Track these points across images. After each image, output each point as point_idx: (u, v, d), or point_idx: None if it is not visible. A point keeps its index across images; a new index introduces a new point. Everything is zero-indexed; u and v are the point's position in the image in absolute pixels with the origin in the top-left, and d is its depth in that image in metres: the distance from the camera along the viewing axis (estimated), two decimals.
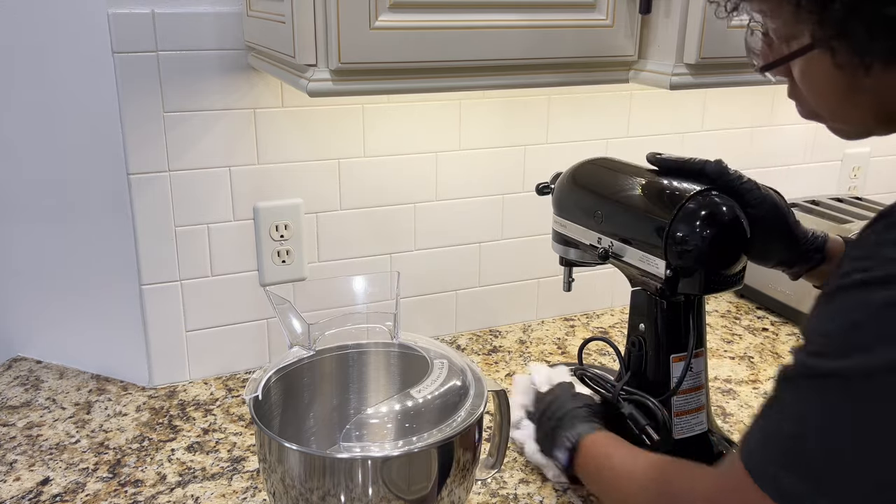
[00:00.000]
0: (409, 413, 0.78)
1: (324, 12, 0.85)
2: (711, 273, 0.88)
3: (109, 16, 1.04)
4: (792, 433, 0.52)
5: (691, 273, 0.87)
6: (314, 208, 1.23)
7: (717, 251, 0.86)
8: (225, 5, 1.09)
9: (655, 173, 0.95)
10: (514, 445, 1.03)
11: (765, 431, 0.55)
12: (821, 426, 0.50)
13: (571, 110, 1.34)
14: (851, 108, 0.62)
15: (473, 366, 0.85)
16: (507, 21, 0.94)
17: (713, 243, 0.85)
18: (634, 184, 0.95)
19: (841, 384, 0.50)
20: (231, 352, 1.24)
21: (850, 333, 0.50)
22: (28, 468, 1.01)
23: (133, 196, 1.12)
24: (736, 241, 0.87)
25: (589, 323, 1.45)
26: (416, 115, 1.24)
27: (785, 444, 0.52)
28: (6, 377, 1.24)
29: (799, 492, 0.50)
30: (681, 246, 0.86)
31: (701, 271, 0.87)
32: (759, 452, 0.54)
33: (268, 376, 0.84)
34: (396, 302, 0.91)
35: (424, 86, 0.95)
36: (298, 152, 1.19)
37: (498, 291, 1.41)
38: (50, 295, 1.24)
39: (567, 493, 0.97)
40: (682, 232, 0.85)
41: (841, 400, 0.50)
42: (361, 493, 0.72)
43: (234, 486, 0.99)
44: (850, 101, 0.61)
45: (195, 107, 1.11)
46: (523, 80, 0.99)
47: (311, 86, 0.88)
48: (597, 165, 1.03)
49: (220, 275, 1.20)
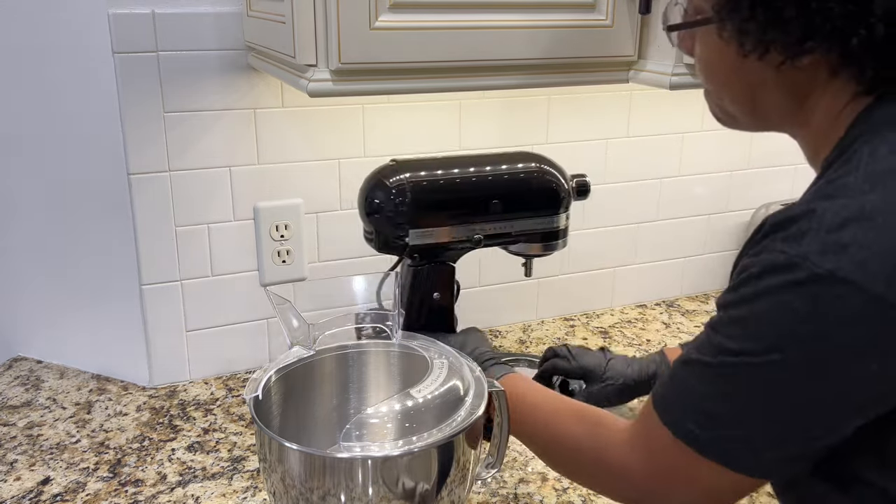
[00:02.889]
0: (409, 413, 0.78)
1: (324, 12, 0.85)
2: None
3: (109, 16, 1.04)
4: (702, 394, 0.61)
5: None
6: (314, 208, 1.23)
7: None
8: (225, 5, 1.09)
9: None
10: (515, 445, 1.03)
11: (679, 388, 0.64)
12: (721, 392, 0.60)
13: (571, 110, 1.34)
14: (735, 88, 0.69)
15: (473, 366, 0.85)
16: (507, 21, 0.94)
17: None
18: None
19: (743, 365, 0.58)
20: (231, 352, 1.24)
21: (754, 320, 0.58)
22: (28, 468, 1.02)
23: (133, 196, 1.12)
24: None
25: (589, 323, 1.45)
26: (416, 115, 1.24)
27: (694, 402, 0.62)
28: (6, 377, 1.24)
29: (704, 437, 0.60)
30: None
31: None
32: (674, 405, 0.63)
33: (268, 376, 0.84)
34: (396, 302, 0.91)
35: (424, 86, 0.95)
36: (298, 152, 1.19)
37: (498, 291, 1.41)
38: (50, 295, 1.24)
39: (567, 493, 0.97)
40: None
41: (743, 376, 0.59)
42: (361, 492, 0.72)
43: (234, 485, 0.99)
44: (733, 79, 0.68)
45: (195, 107, 1.11)
46: (523, 80, 0.99)
47: (312, 86, 0.88)
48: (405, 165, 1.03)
49: (220, 275, 1.20)
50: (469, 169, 1.04)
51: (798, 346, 0.55)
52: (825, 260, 0.53)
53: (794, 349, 0.56)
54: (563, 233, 1.08)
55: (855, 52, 0.58)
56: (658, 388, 0.66)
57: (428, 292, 1.04)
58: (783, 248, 0.56)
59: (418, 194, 0.99)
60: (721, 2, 0.63)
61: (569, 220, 1.08)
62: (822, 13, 0.57)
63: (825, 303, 0.54)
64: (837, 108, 0.63)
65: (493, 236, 1.04)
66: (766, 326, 0.57)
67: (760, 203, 1.54)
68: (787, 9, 0.58)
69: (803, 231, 0.55)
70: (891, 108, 0.60)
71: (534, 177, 1.05)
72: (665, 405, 0.64)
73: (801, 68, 0.62)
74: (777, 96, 0.66)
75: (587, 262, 1.46)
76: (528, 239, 1.07)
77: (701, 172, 1.48)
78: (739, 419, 0.59)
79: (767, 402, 0.58)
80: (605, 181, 1.41)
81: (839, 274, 0.53)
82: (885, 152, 0.57)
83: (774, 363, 0.56)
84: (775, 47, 0.61)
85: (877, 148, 0.57)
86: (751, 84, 0.67)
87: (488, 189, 1.02)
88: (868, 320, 0.53)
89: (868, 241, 0.53)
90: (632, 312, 1.50)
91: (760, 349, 0.57)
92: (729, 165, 1.50)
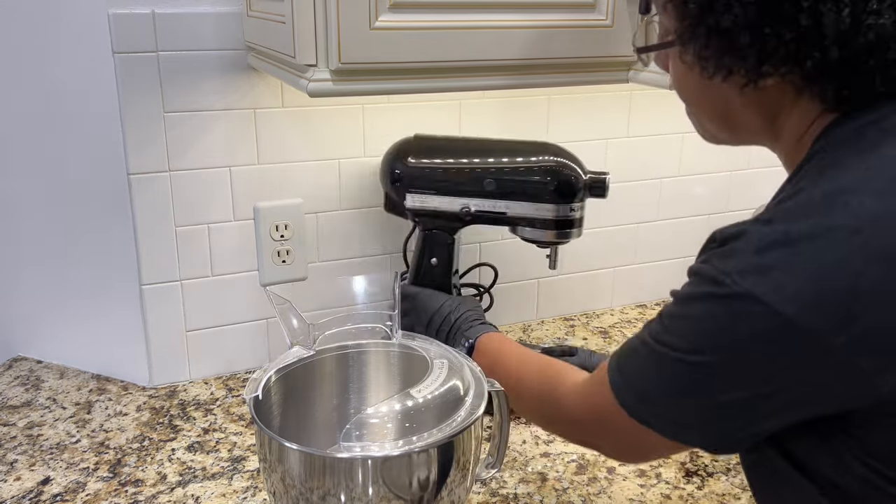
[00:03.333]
0: (409, 413, 0.78)
1: (324, 12, 0.85)
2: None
3: (109, 16, 1.04)
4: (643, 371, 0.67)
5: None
6: (314, 208, 1.23)
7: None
8: (225, 5, 1.09)
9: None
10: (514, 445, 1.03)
11: (629, 359, 0.70)
12: (657, 375, 0.66)
13: (571, 110, 1.34)
14: (706, 107, 0.73)
15: (473, 366, 0.85)
16: (507, 21, 0.94)
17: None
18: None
19: (673, 358, 0.63)
20: (231, 352, 1.24)
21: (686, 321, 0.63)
22: (28, 468, 1.02)
23: (133, 196, 1.12)
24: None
25: (589, 323, 1.45)
26: (416, 115, 1.24)
27: (635, 376, 0.68)
28: (6, 377, 1.24)
29: (638, 407, 0.67)
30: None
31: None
32: (622, 374, 0.69)
33: (268, 376, 0.84)
34: (396, 302, 0.91)
35: (424, 86, 0.95)
36: (298, 152, 1.19)
37: (499, 291, 1.41)
38: (50, 295, 1.24)
39: (567, 493, 0.97)
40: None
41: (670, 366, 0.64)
42: (361, 492, 0.72)
43: (234, 485, 0.99)
44: (703, 99, 0.72)
45: (195, 107, 1.11)
46: (523, 80, 0.99)
47: (312, 86, 0.88)
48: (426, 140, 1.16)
49: (220, 275, 1.20)
50: (478, 150, 1.14)
51: (717, 352, 0.60)
52: (745, 280, 0.57)
53: (713, 354, 0.60)
54: (577, 222, 1.13)
55: (812, 74, 0.60)
56: (617, 352, 0.72)
57: (427, 257, 1.16)
58: (715, 262, 0.61)
59: (418, 160, 1.12)
60: (680, 27, 0.66)
61: (574, 211, 1.11)
62: (775, 38, 0.59)
63: (742, 319, 0.58)
64: (805, 125, 0.65)
65: (488, 215, 1.12)
66: (694, 329, 0.62)
67: (760, 203, 1.53)
68: (742, 35, 0.60)
69: (733, 250, 0.60)
70: (848, 127, 0.62)
71: (533, 165, 1.11)
72: (616, 371, 0.70)
73: (765, 89, 0.64)
74: (748, 114, 0.69)
75: (587, 262, 1.46)
76: (540, 225, 1.12)
77: (701, 172, 1.48)
78: (667, 402, 0.65)
79: (691, 394, 0.63)
80: None
81: (755, 294, 0.57)
82: (829, 175, 0.59)
83: (697, 363, 0.61)
84: (736, 71, 0.63)
85: (823, 171, 0.60)
86: (721, 103, 0.70)
87: (483, 168, 1.11)
88: (779, 340, 0.57)
89: (787, 265, 0.56)
90: (632, 312, 1.50)
91: (687, 348, 0.62)
92: (729, 165, 1.50)
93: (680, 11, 0.65)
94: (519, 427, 1.11)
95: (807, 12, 0.57)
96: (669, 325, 0.65)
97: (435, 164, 1.12)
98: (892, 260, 0.54)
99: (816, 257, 0.56)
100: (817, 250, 0.56)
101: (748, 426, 0.63)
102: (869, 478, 0.60)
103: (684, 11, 0.64)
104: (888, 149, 0.58)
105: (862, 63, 0.58)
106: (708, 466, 1.03)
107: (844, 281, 0.55)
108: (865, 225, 0.55)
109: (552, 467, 1.02)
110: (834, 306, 0.55)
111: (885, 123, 0.60)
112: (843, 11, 0.57)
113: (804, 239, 0.56)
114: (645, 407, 0.67)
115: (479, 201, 1.11)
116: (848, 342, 0.55)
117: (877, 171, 0.57)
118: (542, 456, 1.05)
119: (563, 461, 1.03)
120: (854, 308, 0.55)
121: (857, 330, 0.55)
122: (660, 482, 1.00)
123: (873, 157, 0.58)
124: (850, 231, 0.55)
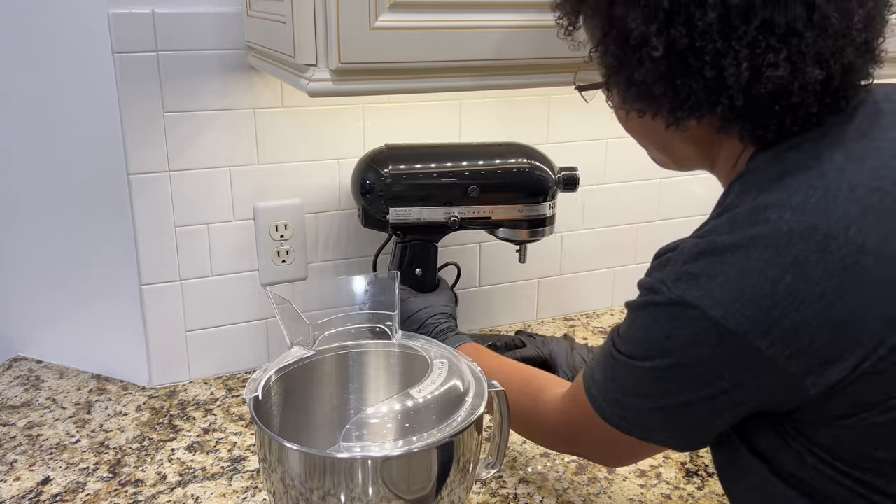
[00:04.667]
0: (409, 413, 0.78)
1: (324, 12, 0.85)
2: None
3: (109, 16, 1.04)
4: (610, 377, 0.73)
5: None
6: (314, 208, 1.23)
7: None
8: (225, 5, 1.09)
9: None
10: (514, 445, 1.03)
11: (599, 367, 0.74)
12: (618, 381, 0.71)
13: (571, 110, 1.34)
14: (646, 140, 0.79)
15: (473, 366, 0.85)
16: (507, 21, 0.94)
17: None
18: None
19: (630, 364, 0.69)
20: (231, 352, 1.24)
21: (635, 329, 0.69)
22: (28, 468, 1.02)
23: (133, 196, 1.12)
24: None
25: (589, 323, 1.45)
26: (416, 115, 1.24)
27: (604, 382, 0.73)
28: (6, 377, 1.24)
29: (609, 411, 0.72)
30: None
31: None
32: (594, 381, 0.74)
33: (268, 376, 0.84)
34: (396, 302, 0.91)
35: (424, 86, 0.95)
36: (298, 152, 1.19)
37: (498, 291, 1.41)
38: (50, 295, 1.24)
39: (567, 493, 0.97)
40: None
41: (629, 372, 0.70)
42: (361, 493, 0.72)
43: (234, 485, 0.99)
44: (640, 133, 0.78)
45: (195, 107, 1.11)
46: (523, 80, 0.99)
47: (311, 86, 0.88)
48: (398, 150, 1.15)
49: (220, 275, 1.20)
50: (455, 157, 1.14)
51: (663, 357, 0.65)
52: (677, 287, 0.63)
53: (661, 359, 0.66)
54: (549, 220, 1.17)
55: (726, 116, 0.66)
56: (590, 361, 0.77)
57: (410, 268, 1.16)
58: (654, 273, 0.67)
59: (399, 178, 1.11)
60: (605, 75, 0.72)
61: (553, 209, 1.17)
62: (685, 89, 0.64)
63: (679, 324, 0.63)
64: (736, 155, 0.71)
65: (473, 220, 1.14)
66: (642, 337, 0.68)
67: None
68: (657, 86, 0.66)
69: (668, 260, 0.66)
70: (771, 152, 0.67)
71: (511, 167, 1.14)
72: (591, 378, 0.75)
73: (689, 128, 0.69)
74: (683, 146, 0.75)
75: (587, 262, 1.46)
76: (514, 225, 1.16)
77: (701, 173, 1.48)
78: (632, 406, 0.70)
79: (649, 397, 0.69)
80: (605, 181, 1.41)
81: (687, 299, 0.62)
82: (752, 195, 0.64)
83: (648, 369, 0.67)
84: (657, 115, 0.69)
85: (747, 191, 0.65)
86: (657, 137, 0.75)
87: (466, 177, 1.13)
88: (712, 343, 0.62)
89: (713, 273, 0.61)
90: None
91: (639, 355, 0.68)
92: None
93: (602, 62, 0.71)
94: None
95: (710, 65, 0.63)
96: (624, 335, 0.70)
97: (416, 175, 1.11)
98: (807, 268, 0.59)
99: (739, 265, 0.61)
100: (740, 259, 0.61)
101: (703, 425, 0.68)
102: (827, 472, 0.64)
103: (604, 63, 0.70)
104: (804, 170, 0.63)
105: (769, 107, 0.64)
106: (708, 466, 1.03)
107: (764, 287, 0.59)
108: (784, 236, 0.59)
109: (552, 467, 1.02)
110: (755, 310, 0.60)
111: (803, 148, 0.65)
112: (742, 65, 0.62)
113: (728, 249, 0.62)
114: (614, 412, 0.72)
115: (463, 208, 1.13)
116: (772, 344, 0.60)
117: (794, 190, 0.61)
118: (542, 456, 1.05)
119: (563, 461, 1.03)
120: (773, 312, 0.59)
121: (778, 332, 0.59)
122: (660, 482, 1.00)
123: (792, 177, 0.63)
124: (770, 241, 0.60)
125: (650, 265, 0.70)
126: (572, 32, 0.80)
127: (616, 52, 0.68)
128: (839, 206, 0.59)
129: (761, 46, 0.61)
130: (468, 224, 1.14)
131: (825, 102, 0.64)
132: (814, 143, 0.65)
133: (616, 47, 0.67)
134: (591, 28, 0.73)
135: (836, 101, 0.65)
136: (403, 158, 1.12)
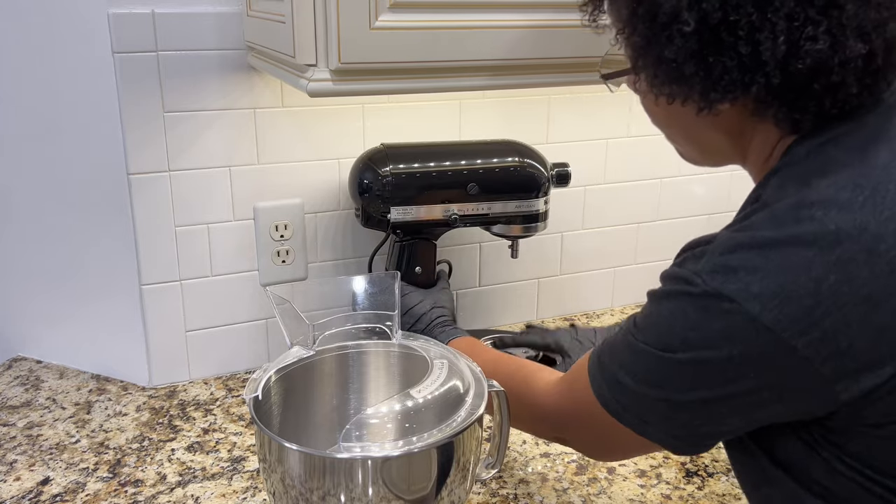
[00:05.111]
0: (409, 413, 0.78)
1: (324, 12, 0.85)
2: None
3: (109, 16, 1.04)
4: (620, 362, 0.70)
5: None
6: (314, 208, 1.23)
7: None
8: (225, 5, 1.09)
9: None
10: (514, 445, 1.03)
11: (609, 350, 0.72)
12: (630, 368, 0.68)
13: (571, 110, 1.34)
14: (675, 130, 0.75)
15: (473, 366, 0.85)
16: (507, 21, 0.94)
17: None
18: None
19: (646, 351, 0.66)
20: (231, 352, 1.24)
21: (658, 318, 0.66)
22: (28, 468, 1.01)
23: (133, 196, 1.12)
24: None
25: (589, 323, 1.45)
26: (416, 115, 1.24)
27: (612, 366, 0.70)
28: (6, 377, 1.24)
29: (609, 396, 0.70)
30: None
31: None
32: (601, 363, 0.72)
33: (268, 376, 0.84)
34: (396, 302, 0.91)
35: (424, 86, 0.95)
36: (298, 152, 1.19)
37: (498, 291, 1.41)
38: (50, 295, 1.24)
39: (567, 493, 0.97)
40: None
41: (644, 358, 0.66)
42: (361, 493, 0.72)
43: (234, 485, 0.99)
44: (670, 122, 0.74)
45: (195, 107, 1.11)
46: (523, 80, 0.99)
47: (311, 86, 0.88)
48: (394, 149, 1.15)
49: (220, 275, 1.20)
50: (452, 156, 1.15)
51: (687, 350, 0.62)
52: (714, 279, 0.60)
53: (683, 352, 0.63)
54: (542, 216, 1.19)
55: (761, 98, 0.62)
56: (598, 346, 0.74)
57: (410, 266, 1.17)
58: (687, 265, 0.64)
59: (399, 177, 1.11)
60: (633, 57, 0.68)
61: (546, 204, 1.19)
62: (719, 67, 0.61)
63: (712, 316, 0.60)
64: (770, 146, 0.68)
65: (472, 217, 1.15)
66: (665, 327, 0.65)
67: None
68: (687, 65, 0.62)
69: (704, 252, 0.63)
70: (809, 145, 0.64)
71: (508, 165, 1.16)
72: (596, 362, 0.72)
73: (722, 113, 0.66)
74: (714, 136, 0.71)
75: (587, 262, 1.46)
76: (509, 220, 1.17)
77: (701, 172, 1.48)
78: (637, 393, 0.67)
79: (659, 387, 0.66)
80: (605, 181, 1.41)
81: (724, 292, 0.59)
82: (793, 191, 0.61)
83: (668, 360, 0.64)
84: (689, 97, 0.65)
85: (786, 186, 0.62)
86: (686, 126, 0.72)
87: (465, 175, 1.14)
88: (745, 338, 0.59)
89: (754, 267, 0.59)
90: (632, 312, 1.50)
91: (659, 345, 0.65)
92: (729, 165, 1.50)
93: (629, 43, 0.68)
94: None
95: (745, 40, 0.59)
96: (644, 323, 0.67)
97: (413, 174, 1.12)
98: (853, 269, 0.56)
99: (780, 261, 0.58)
100: (782, 255, 0.58)
101: (710, 424, 0.66)
102: (857, 480, 0.62)
103: (632, 43, 0.67)
104: (849, 167, 0.60)
105: (807, 87, 0.60)
106: (708, 467, 1.03)
107: (806, 285, 0.57)
108: (830, 235, 0.57)
109: (552, 467, 1.02)
110: (795, 307, 0.57)
111: (844, 142, 0.62)
112: (779, 38, 0.58)
113: (770, 244, 0.59)
114: (615, 397, 0.69)
115: (462, 205, 1.14)
116: (808, 344, 0.57)
117: (840, 187, 0.59)
118: (542, 456, 1.05)
119: (563, 461, 1.03)
120: (815, 312, 0.57)
121: (817, 333, 0.57)
122: (660, 482, 1.00)
123: (837, 174, 0.60)
124: (815, 240, 0.57)
125: (679, 257, 0.67)
126: (597, 18, 0.77)
127: (644, 31, 0.64)
128: (887, 206, 0.57)
129: (799, 18, 0.58)
130: (466, 220, 1.15)
131: (865, 83, 0.60)
132: (855, 138, 0.62)
133: (644, 25, 0.64)
134: (616, 9, 0.69)
135: (877, 82, 0.61)
136: (400, 158, 1.12)
